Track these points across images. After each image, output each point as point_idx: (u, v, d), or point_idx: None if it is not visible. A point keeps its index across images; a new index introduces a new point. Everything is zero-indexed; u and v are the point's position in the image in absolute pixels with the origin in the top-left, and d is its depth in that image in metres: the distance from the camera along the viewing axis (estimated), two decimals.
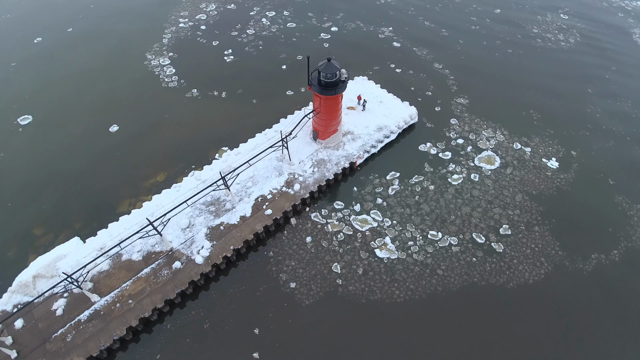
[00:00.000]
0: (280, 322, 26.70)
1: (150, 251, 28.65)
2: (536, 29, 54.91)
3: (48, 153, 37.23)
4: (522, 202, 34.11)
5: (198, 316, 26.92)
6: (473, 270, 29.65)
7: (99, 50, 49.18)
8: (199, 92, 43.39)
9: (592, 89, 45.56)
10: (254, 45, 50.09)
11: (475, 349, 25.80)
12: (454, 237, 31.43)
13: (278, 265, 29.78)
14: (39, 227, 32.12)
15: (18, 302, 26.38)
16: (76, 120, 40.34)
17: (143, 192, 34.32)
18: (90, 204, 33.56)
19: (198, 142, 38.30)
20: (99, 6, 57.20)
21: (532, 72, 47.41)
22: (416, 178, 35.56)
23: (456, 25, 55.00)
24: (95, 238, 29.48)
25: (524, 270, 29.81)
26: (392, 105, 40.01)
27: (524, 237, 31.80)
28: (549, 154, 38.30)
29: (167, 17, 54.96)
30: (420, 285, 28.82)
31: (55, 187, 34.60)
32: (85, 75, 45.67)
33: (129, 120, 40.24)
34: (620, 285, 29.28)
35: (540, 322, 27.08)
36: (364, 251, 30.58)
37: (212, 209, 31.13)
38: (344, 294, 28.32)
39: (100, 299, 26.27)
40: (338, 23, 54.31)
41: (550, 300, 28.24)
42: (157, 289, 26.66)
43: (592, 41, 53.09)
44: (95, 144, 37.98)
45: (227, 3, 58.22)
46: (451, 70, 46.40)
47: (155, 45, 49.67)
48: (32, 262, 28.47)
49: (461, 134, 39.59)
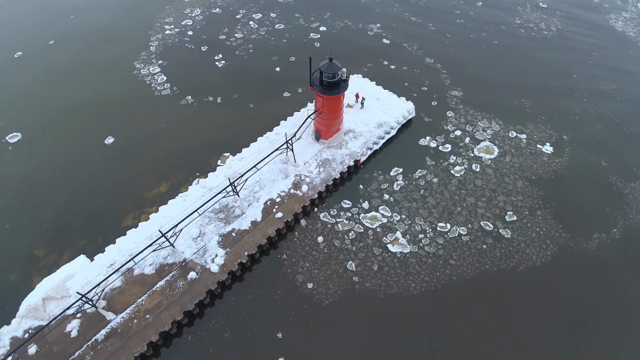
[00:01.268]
0: (303, 324, 26.68)
1: (162, 263, 28.10)
2: (518, 19, 56.46)
3: (42, 170, 35.96)
4: (523, 188, 35.10)
5: (218, 325, 26.60)
6: (484, 257, 30.36)
7: (84, 62, 47.73)
8: (193, 99, 42.73)
9: (577, 75, 47.24)
10: (244, 49, 49.66)
11: (493, 333, 26.48)
12: (463, 227, 32.09)
13: (293, 267, 29.72)
14: (40, 247, 31.03)
15: (29, 327, 25.46)
16: (68, 134, 39.09)
17: (147, 204, 33.59)
18: (92, 219, 32.62)
19: (198, 149, 37.74)
20: (80, 16, 55.41)
21: (519, 62, 48.74)
22: (419, 172, 36.07)
23: (441, 19, 55.94)
24: (103, 254, 28.69)
25: (532, 254, 30.74)
26: (389, 101, 40.43)
27: (528, 221, 32.74)
28: (543, 139, 39.53)
29: (151, 24, 53.79)
30: (435, 276, 29.32)
31: (54, 205, 33.45)
32: (73, 88, 44.26)
33: (124, 131, 39.26)
34: (623, 261, 30.56)
35: (551, 301, 28.06)
36: (376, 247, 30.85)
37: (222, 216, 30.77)
38: (361, 291, 28.53)
39: (116, 317, 25.61)
40: (326, 23, 54.41)
41: (558, 280, 29.27)
42: (174, 301, 26.19)
43: (572, 28, 54.98)
44: (92, 158, 36.90)
45: (211, 7, 57.46)
46: (442, 64, 47.22)
47: (143, 54, 48.59)
48: (38, 285, 27.47)
49: (458, 126, 40.38)
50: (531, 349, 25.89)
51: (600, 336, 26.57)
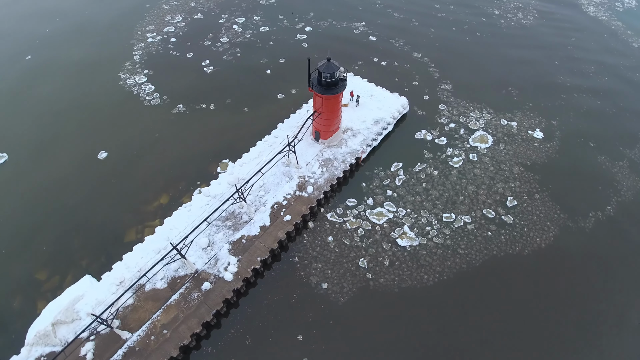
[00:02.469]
0: (322, 324, 26.73)
1: (174, 276, 27.55)
2: (497, 10, 58.00)
3: (35, 190, 34.53)
4: (519, 173, 36.19)
5: (238, 333, 26.32)
6: (491, 244, 31.17)
7: (66, 75, 46.05)
8: (185, 107, 41.94)
9: (559, 61, 48.97)
10: (232, 53, 49.08)
11: (510, 316, 27.27)
12: (467, 216, 32.84)
13: (306, 270, 29.70)
14: (41, 270, 29.86)
15: (40, 354, 24.47)
16: (58, 152, 37.65)
17: (149, 218, 32.81)
18: (93, 237, 31.61)
19: (195, 158, 37.11)
20: (56, 29, 53.36)
21: (502, 52, 50.11)
22: (419, 166, 36.63)
23: (423, 13, 56.84)
24: (111, 272, 27.87)
25: (535, 236, 31.77)
26: (383, 97, 40.85)
27: (528, 206, 33.80)
28: (533, 125, 40.83)
29: (132, 33, 52.40)
30: (446, 266, 29.91)
31: (51, 225, 32.22)
32: (57, 103, 42.64)
33: (117, 144, 38.16)
34: (618, 236, 32.06)
35: (559, 280, 29.17)
36: (386, 242, 31.20)
37: (229, 224, 30.40)
38: (376, 287, 28.80)
39: (132, 335, 24.96)
40: (311, 23, 54.40)
41: (563, 259, 30.44)
42: (191, 313, 25.73)
43: (548, 16, 56.91)
44: (86, 174, 35.71)
45: (193, 13, 56.47)
46: (430, 58, 48.03)
47: (127, 64, 47.31)
48: (44, 310, 26.34)
49: (451, 118, 41.21)
50: (548, 329, 26.82)
51: (605, 315, 27.88)
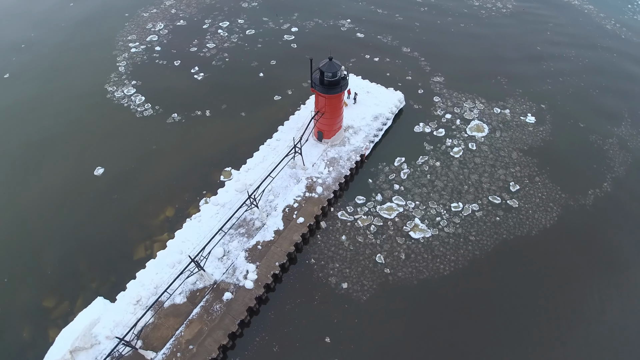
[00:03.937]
0: (347, 324, 26.75)
1: (192, 290, 26.92)
2: (476, 1, 59.33)
3: (33, 213, 32.93)
4: (518, 159, 37.26)
5: (264, 341, 26.00)
6: (500, 228, 32.00)
7: (50, 92, 44.10)
8: (180, 116, 40.98)
9: (541, 47, 50.65)
10: (220, 58, 48.27)
11: (527, 297, 28.12)
12: (474, 204, 33.55)
13: (323, 270, 29.63)
14: (49, 297, 28.58)
15: None
16: (53, 171, 36.02)
17: (156, 232, 31.93)
18: (100, 258, 30.51)
19: (197, 167, 36.37)
20: (32, 44, 50.97)
21: (487, 42, 51.35)
22: (421, 158, 37.13)
23: (406, 7, 57.49)
24: (126, 292, 26.95)
25: (540, 218, 32.83)
26: (379, 93, 41.15)
27: (530, 189, 34.86)
28: (525, 111, 42.10)
29: (114, 44, 50.67)
30: (460, 254, 30.48)
31: (53, 249, 30.87)
32: (41, 121, 40.79)
33: (113, 159, 36.89)
34: (618, 209, 33.59)
35: (569, 256, 30.41)
36: (399, 237, 31.49)
37: (242, 231, 29.96)
38: (395, 281, 29.05)
39: (157, 354, 24.26)
40: (296, 23, 54.13)
41: (569, 237, 31.69)
42: (215, 325, 25.23)
43: (526, 4, 58.73)
44: (84, 192, 34.37)
45: (174, 20, 55.15)
46: (420, 52, 48.69)
47: (113, 76, 45.76)
48: (57, 337, 25.23)
49: (447, 110, 41.95)
50: (565, 305, 27.81)
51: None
